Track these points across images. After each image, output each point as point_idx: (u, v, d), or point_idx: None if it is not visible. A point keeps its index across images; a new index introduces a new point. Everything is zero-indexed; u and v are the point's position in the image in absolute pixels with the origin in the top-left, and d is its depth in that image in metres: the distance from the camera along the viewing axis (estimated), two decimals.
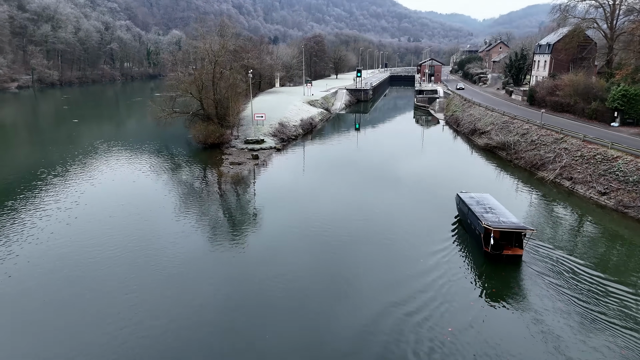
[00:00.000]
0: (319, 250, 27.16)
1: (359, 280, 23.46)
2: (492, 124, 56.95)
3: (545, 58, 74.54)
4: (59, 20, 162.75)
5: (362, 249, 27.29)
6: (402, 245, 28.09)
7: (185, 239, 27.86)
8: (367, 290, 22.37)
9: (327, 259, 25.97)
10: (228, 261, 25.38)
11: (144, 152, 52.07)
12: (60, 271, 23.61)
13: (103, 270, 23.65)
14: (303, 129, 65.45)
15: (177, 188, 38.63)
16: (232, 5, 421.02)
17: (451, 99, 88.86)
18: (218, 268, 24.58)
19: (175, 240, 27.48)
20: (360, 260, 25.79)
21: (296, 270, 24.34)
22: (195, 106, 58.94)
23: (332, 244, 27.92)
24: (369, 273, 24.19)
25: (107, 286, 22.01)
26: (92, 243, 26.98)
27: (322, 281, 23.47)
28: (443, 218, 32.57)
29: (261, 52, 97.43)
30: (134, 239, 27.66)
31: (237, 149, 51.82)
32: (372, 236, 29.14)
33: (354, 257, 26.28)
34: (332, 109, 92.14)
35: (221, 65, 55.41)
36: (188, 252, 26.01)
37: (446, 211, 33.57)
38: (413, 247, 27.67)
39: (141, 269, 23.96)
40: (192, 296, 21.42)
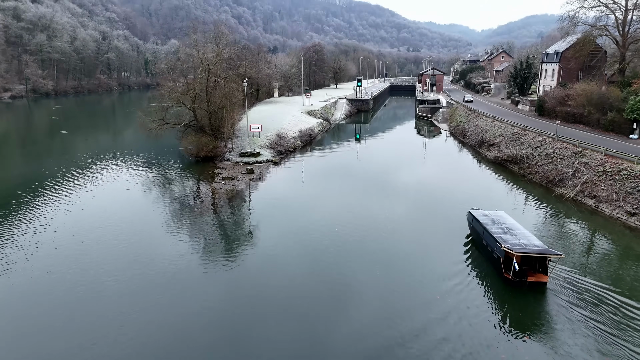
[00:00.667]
0: (317, 271, 24.77)
1: (358, 309, 20.96)
2: (502, 136, 53.91)
3: (553, 67, 71.84)
4: (54, 30, 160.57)
5: (363, 270, 24.76)
6: (408, 267, 25.46)
7: (177, 256, 26.00)
8: (368, 322, 19.82)
9: (327, 282, 23.53)
10: (222, 278, 23.81)
11: (133, 166, 48.91)
12: (47, 294, 21.86)
13: (93, 290, 22.16)
14: (302, 141, 62.40)
15: (167, 205, 35.53)
16: (231, 15, 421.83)
17: (455, 109, 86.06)
18: (212, 285, 23.13)
19: (168, 257, 25.76)
20: (361, 283, 23.32)
21: (293, 291, 22.45)
22: (188, 117, 55.95)
23: (331, 264, 25.44)
24: (371, 302, 21.57)
25: (98, 306, 20.75)
26: (80, 261, 25.11)
27: (321, 305, 21.26)
28: (453, 237, 29.84)
29: (259, 61, 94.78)
30: (124, 256, 25.84)
31: (231, 162, 48.66)
32: (375, 258, 26.40)
33: (354, 279, 23.86)
34: (332, 119, 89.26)
35: (215, 74, 52.48)
36: (181, 268, 24.45)
37: (456, 229, 30.86)
38: (421, 270, 25.03)
39: (133, 286, 22.63)
40: (186, 312, 20.36)
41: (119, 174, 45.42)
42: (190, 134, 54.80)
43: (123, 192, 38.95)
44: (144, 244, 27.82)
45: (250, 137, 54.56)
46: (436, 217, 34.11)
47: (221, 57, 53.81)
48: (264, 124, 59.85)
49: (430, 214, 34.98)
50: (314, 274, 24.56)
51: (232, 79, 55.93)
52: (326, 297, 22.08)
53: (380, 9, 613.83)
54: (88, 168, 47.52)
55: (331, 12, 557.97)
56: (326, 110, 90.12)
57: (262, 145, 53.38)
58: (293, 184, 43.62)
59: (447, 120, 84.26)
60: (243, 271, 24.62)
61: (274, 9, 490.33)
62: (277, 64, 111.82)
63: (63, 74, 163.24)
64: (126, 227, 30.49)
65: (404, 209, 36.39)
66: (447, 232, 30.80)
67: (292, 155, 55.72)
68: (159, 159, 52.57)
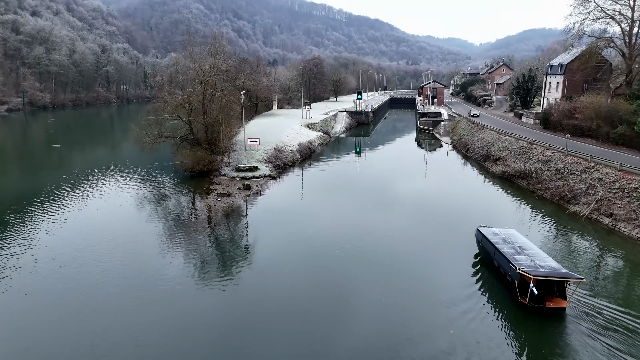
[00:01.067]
0: (316, 291, 23.39)
1: (359, 335, 19.53)
2: (508, 150, 52.14)
3: (557, 79, 70.48)
4: (53, 43, 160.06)
5: (366, 293, 23.28)
6: (414, 290, 23.80)
7: (172, 274, 24.83)
8: (369, 350, 18.39)
9: (327, 303, 22.15)
10: (219, 296, 22.73)
11: (126, 181, 47.02)
12: (38, 316, 20.87)
13: (85, 308, 21.28)
14: (301, 154, 60.61)
15: (160, 222, 33.74)
16: (231, 29, 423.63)
17: (457, 122, 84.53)
18: (209, 303, 22.10)
19: (162, 275, 24.64)
20: (363, 308, 21.88)
21: (291, 311, 21.33)
22: (184, 130, 54.24)
23: (331, 285, 23.98)
24: (373, 329, 20.07)
25: (91, 325, 19.98)
26: (70, 281, 23.97)
27: (321, 327, 20.14)
28: (461, 255, 28.15)
29: (258, 74, 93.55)
30: (117, 275, 24.66)
31: (227, 177, 46.76)
32: (378, 280, 24.69)
33: (356, 302, 22.44)
34: (332, 132, 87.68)
35: (212, 86, 50.90)
36: (176, 287, 23.37)
37: (464, 247, 29.23)
38: (428, 294, 23.28)
39: (128, 305, 21.62)
40: (183, 332, 19.52)
41: (111, 189, 43.52)
42: (186, 147, 53.10)
43: (115, 209, 37.12)
44: (136, 262, 26.43)
45: (248, 151, 52.78)
46: (442, 234, 32.46)
47: (218, 69, 52.29)
48: (262, 138, 58.14)
49: (435, 231, 33.31)
50: (313, 294, 23.17)
51: (229, 91, 54.33)
52: (326, 319, 20.79)
53: (379, 22, 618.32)
54: (79, 183, 45.59)
55: (331, 26, 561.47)
56: (326, 123, 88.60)
57: (260, 159, 51.57)
58: (292, 199, 41.69)
59: (449, 134, 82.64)
60: (240, 289, 23.56)
61: (274, 23, 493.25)
62: (276, 77, 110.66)
63: (61, 87, 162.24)
64: (118, 245, 28.96)
65: (407, 225, 34.79)
66: (454, 251, 29.13)
67: (291, 170, 53.89)
68: (153, 173, 50.70)
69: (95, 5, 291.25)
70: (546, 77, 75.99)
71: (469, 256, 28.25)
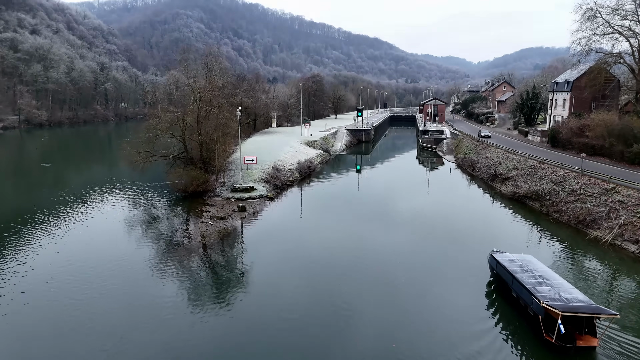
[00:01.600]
0: (315, 320, 21.69)
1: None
2: (517, 169, 49.72)
3: (564, 96, 68.58)
4: (51, 61, 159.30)
5: (368, 323, 21.43)
6: (423, 324, 21.63)
7: (163, 301, 23.26)
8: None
9: (326, 333, 20.31)
10: (213, 324, 21.34)
11: (115, 202, 44.47)
12: (23, 343, 19.69)
13: (75, 335, 20.19)
14: (300, 173, 58.15)
15: (151, 246, 31.36)
16: (231, 48, 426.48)
17: (460, 140, 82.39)
18: (203, 330, 20.72)
19: (153, 302, 23.21)
20: (368, 347, 19.58)
21: (288, 340, 19.90)
22: (178, 149, 51.88)
23: (331, 314, 22.10)
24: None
25: (80, 352, 18.92)
26: (56, 308, 22.45)
27: (320, 356, 18.94)
28: (473, 284, 25.91)
29: (256, 91, 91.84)
30: (106, 302, 23.14)
31: (222, 198, 44.16)
32: (381, 307, 22.87)
33: (359, 338, 20.25)
34: (332, 150, 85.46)
35: (207, 102, 48.75)
36: (168, 314, 21.99)
37: (475, 273, 27.07)
38: (438, 329, 21.01)
39: (117, 333, 20.31)
40: None
41: (100, 211, 41.01)
42: (180, 166, 50.75)
43: (104, 232, 34.75)
44: (127, 289, 24.62)
45: (244, 170, 50.31)
46: (450, 259, 30.04)
47: (214, 85, 50.23)
48: (260, 156, 55.78)
49: (442, 255, 30.86)
50: (312, 323, 21.41)
51: (225, 108, 52.16)
52: (325, 352, 19.16)
53: (378, 41, 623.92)
54: (66, 204, 42.97)
55: (330, 44, 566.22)
56: (326, 141, 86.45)
57: (256, 179, 49.06)
58: (290, 221, 39.05)
59: (453, 152, 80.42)
60: (236, 314, 22.26)
61: (273, 42, 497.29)
62: (275, 94, 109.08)
63: (58, 105, 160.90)
64: (107, 270, 27.00)
65: (413, 248, 32.35)
66: (464, 277, 26.79)
67: (290, 189, 51.35)
68: (144, 194, 48.15)
69: (96, 24, 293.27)
70: (553, 94, 74.13)
71: (481, 284, 25.86)
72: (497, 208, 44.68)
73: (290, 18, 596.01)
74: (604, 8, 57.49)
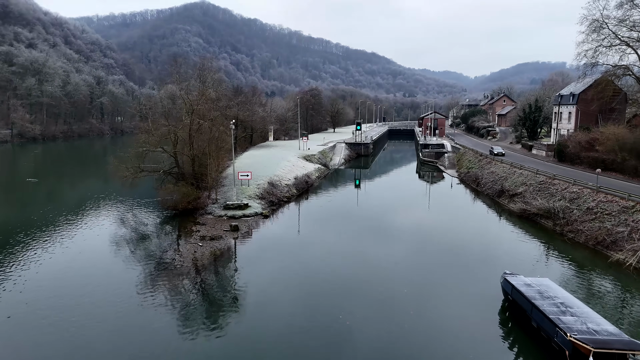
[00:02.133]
0: (313, 348, 20.00)
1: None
2: (525, 185, 47.32)
3: (569, 109, 66.61)
4: (46, 74, 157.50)
5: (370, 355, 19.58)
6: (429, 355, 19.88)
7: (152, 326, 21.70)
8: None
9: None
10: (204, 351, 19.74)
11: (102, 219, 41.81)
12: None
13: None
14: (297, 189, 55.65)
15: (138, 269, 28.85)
16: (230, 62, 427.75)
17: (462, 154, 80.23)
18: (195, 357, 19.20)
19: (141, 328, 21.70)
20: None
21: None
22: (168, 163, 49.43)
23: (330, 343, 20.24)
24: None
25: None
26: (39, 335, 20.77)
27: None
28: (484, 309, 23.83)
29: (253, 104, 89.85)
30: (90, 326, 21.49)
31: (213, 216, 41.53)
32: (386, 338, 20.64)
33: None
34: (331, 164, 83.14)
35: (200, 115, 46.46)
36: (156, 340, 20.47)
37: (487, 298, 24.99)
38: None
39: None
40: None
41: (83, 230, 38.34)
42: (171, 182, 48.28)
43: (87, 253, 32.07)
44: (112, 312, 22.89)
45: (238, 186, 47.80)
46: (458, 281, 27.74)
47: (207, 97, 47.99)
48: (255, 171, 53.40)
49: (450, 277, 28.58)
50: (309, 352, 19.70)
51: (219, 121, 49.86)
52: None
53: (376, 56, 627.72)
54: (48, 223, 40.22)
55: (328, 59, 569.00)
56: (324, 155, 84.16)
57: (251, 195, 46.49)
58: (286, 241, 36.38)
59: (455, 166, 78.16)
60: (228, 343, 20.55)
61: (272, 57, 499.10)
62: (272, 107, 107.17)
63: (53, 119, 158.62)
64: (89, 293, 24.98)
65: (418, 271, 30.06)
66: (476, 304, 24.40)
67: (286, 206, 48.77)
68: (132, 211, 45.49)
69: (94, 39, 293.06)
70: (557, 107, 72.16)
71: (493, 311, 23.57)
72: (505, 226, 42.12)
73: (288, 33, 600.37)
74: (610, 19, 55.80)
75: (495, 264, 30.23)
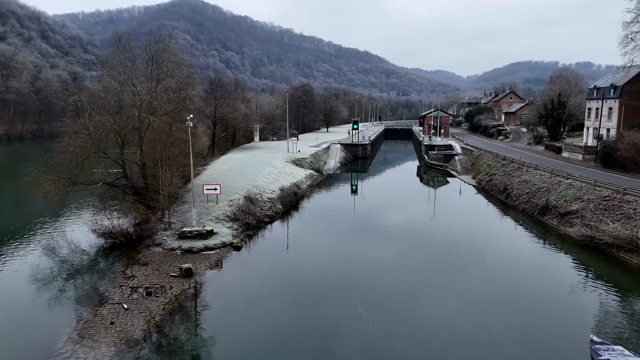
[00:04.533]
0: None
1: None
2: (580, 200, 36.16)
3: (609, 104, 55.71)
4: (13, 69, 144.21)
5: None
6: None
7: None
8: None
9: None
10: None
11: (11, 252, 29.80)
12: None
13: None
14: (283, 203, 44.18)
15: None
16: (219, 60, 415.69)
17: (477, 157, 69.19)
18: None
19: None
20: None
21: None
22: (114, 175, 37.66)
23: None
24: None
25: None
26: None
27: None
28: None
29: (235, 99, 78.00)
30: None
31: (163, 249, 29.85)
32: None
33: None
34: (325, 168, 71.65)
35: (148, 110, 34.79)
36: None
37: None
38: None
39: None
40: None
41: None
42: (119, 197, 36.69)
43: None
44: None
45: (204, 202, 36.20)
46: (512, 343, 18.14)
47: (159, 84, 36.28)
48: (230, 181, 42.08)
49: (501, 337, 18.71)
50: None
51: (179, 117, 38.07)
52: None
53: (369, 55, 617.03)
54: None
55: (320, 58, 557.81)
56: (317, 158, 72.62)
57: (219, 216, 34.78)
58: (265, 292, 24.71)
59: (469, 171, 67.10)
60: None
61: (263, 54, 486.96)
62: (259, 104, 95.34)
63: (19, 117, 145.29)
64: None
65: (448, 316, 19.84)
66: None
67: (268, 229, 37.21)
68: (57, 242, 33.48)
69: (74, 34, 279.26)
70: (590, 102, 61.23)
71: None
72: (562, 259, 30.92)
73: (279, 31, 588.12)
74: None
75: (564, 318, 20.90)
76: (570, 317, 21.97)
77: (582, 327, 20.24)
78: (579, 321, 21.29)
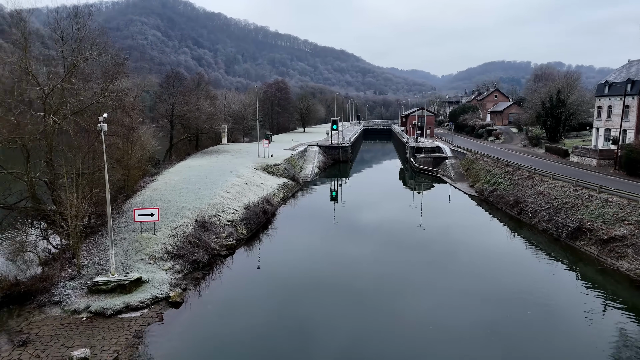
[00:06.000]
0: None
1: None
2: (625, 222, 28.38)
3: (626, 101, 48.62)
4: None
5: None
6: None
7: None
8: None
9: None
10: None
11: None
12: None
13: None
14: (249, 226, 35.11)
15: None
16: (191, 57, 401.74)
17: (471, 160, 61.57)
18: None
19: None
20: None
21: None
22: (19, 194, 27.89)
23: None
24: None
25: None
26: None
27: None
28: None
29: (198, 97, 68.20)
30: None
31: (64, 310, 20.38)
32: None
33: None
34: (302, 175, 62.80)
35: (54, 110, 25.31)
36: None
37: None
38: None
39: None
40: None
41: None
42: (21, 224, 26.95)
43: None
44: None
45: (138, 233, 26.78)
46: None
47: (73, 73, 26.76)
48: (179, 198, 32.89)
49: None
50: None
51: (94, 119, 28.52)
52: None
53: (344, 54, 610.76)
54: None
55: (296, 56, 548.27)
56: (292, 164, 63.58)
57: (154, 253, 25.36)
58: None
59: (464, 177, 59.39)
60: None
61: (237, 52, 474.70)
62: (226, 101, 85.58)
63: None
64: None
65: None
66: None
67: (225, 265, 28.07)
68: None
69: (34, 29, 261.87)
70: (599, 99, 54.23)
71: None
72: (616, 306, 22.97)
73: (254, 29, 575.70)
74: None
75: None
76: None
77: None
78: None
